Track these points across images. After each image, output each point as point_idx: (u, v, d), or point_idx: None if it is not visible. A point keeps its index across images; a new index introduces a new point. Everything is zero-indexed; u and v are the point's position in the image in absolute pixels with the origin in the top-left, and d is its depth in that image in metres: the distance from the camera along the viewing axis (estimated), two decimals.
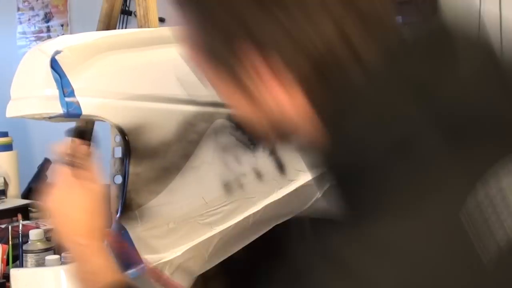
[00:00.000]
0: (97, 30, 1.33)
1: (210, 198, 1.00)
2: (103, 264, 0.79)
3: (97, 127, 1.41)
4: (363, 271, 0.51)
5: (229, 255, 1.05)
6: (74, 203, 0.81)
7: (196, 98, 1.01)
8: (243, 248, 1.08)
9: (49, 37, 4.21)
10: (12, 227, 1.41)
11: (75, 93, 0.87)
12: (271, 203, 1.09)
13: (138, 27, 1.23)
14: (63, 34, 3.72)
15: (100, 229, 0.82)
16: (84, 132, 0.88)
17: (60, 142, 0.85)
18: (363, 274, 0.51)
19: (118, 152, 1.10)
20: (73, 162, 0.84)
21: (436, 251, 0.52)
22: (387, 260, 0.51)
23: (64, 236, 0.81)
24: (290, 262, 0.57)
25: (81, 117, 0.89)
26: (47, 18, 4.26)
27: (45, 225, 1.57)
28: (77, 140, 0.86)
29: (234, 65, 0.58)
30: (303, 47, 0.54)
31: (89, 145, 0.88)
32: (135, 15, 1.31)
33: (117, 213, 0.93)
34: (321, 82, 0.56)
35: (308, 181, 1.17)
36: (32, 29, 4.31)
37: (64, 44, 0.90)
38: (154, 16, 1.26)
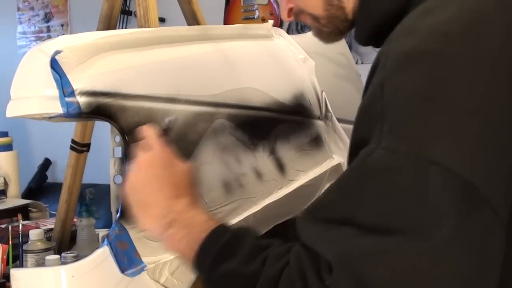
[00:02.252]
0: (97, 30, 1.33)
1: (210, 198, 1.00)
2: (198, 215, 0.79)
3: (97, 127, 1.42)
4: None
5: None
6: (166, 172, 0.82)
7: (196, 98, 1.01)
8: None
9: (49, 37, 4.21)
10: (12, 227, 1.41)
11: (75, 93, 0.87)
12: (271, 203, 1.09)
13: (138, 27, 1.23)
14: (63, 34, 3.72)
15: (188, 192, 0.83)
16: None
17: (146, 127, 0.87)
18: None
19: (118, 152, 1.10)
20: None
21: None
22: None
23: (152, 207, 0.81)
24: None
25: (81, 117, 0.89)
26: (47, 18, 4.26)
27: (45, 225, 1.57)
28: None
29: None
30: None
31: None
32: (135, 15, 1.31)
33: (117, 213, 0.92)
34: None
35: (308, 181, 1.17)
36: (32, 29, 4.31)
37: (64, 44, 0.90)
38: (154, 16, 1.26)
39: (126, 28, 3.55)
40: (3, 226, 1.55)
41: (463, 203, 0.57)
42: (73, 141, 1.42)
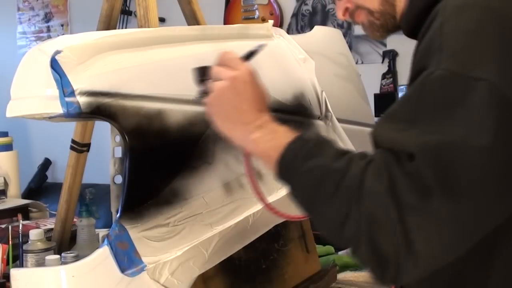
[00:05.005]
0: (97, 30, 1.33)
1: (210, 198, 1.00)
2: (282, 125, 0.91)
3: (97, 127, 1.42)
4: None
5: (229, 255, 1.05)
6: (255, 90, 0.93)
7: (196, 98, 1.01)
8: (243, 248, 1.08)
9: (49, 37, 4.21)
10: (12, 227, 1.41)
11: (75, 93, 0.87)
12: (271, 203, 1.09)
13: (138, 27, 1.23)
14: (63, 34, 3.72)
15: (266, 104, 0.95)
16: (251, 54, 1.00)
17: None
18: None
19: (118, 152, 1.10)
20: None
21: None
22: None
23: (242, 114, 0.91)
24: None
25: (81, 117, 0.89)
26: (47, 18, 4.26)
27: (45, 225, 1.58)
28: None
29: None
30: None
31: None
32: (135, 15, 1.31)
33: (117, 213, 0.93)
34: None
35: None
36: (32, 29, 4.31)
37: (64, 44, 0.90)
38: (154, 16, 1.26)
39: (126, 28, 3.55)
40: (3, 226, 1.56)
41: (500, 111, 0.73)
42: (73, 141, 1.42)
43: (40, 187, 3.85)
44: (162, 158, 0.96)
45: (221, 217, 1.02)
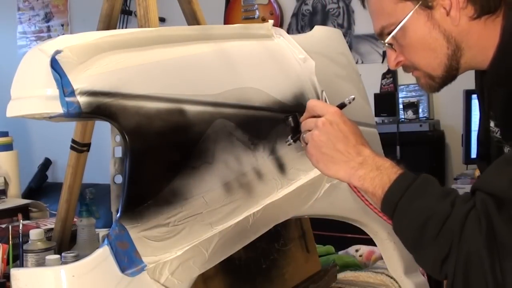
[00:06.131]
0: (97, 30, 1.33)
1: (210, 198, 1.00)
2: (384, 160, 0.94)
3: (97, 127, 1.42)
4: None
5: (229, 255, 1.05)
6: (347, 127, 0.98)
7: (196, 98, 1.01)
8: (243, 248, 1.08)
9: (49, 36, 4.21)
10: (12, 227, 1.41)
11: (76, 92, 0.87)
12: (271, 203, 1.09)
13: (138, 27, 1.23)
14: (63, 34, 3.72)
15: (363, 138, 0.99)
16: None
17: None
18: None
19: (118, 152, 1.10)
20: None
21: None
22: None
23: (341, 154, 0.96)
24: None
25: (81, 116, 0.89)
26: (48, 18, 4.26)
27: (45, 225, 1.58)
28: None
29: None
30: None
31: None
32: (135, 15, 1.31)
33: (117, 213, 0.93)
34: None
35: (308, 181, 1.17)
36: (33, 28, 4.31)
37: (64, 44, 0.90)
38: (154, 16, 1.26)
39: (126, 28, 3.56)
40: (3, 226, 1.56)
41: None
42: (73, 141, 1.42)
43: (40, 187, 3.86)
44: (162, 158, 0.96)
45: (221, 217, 1.02)
